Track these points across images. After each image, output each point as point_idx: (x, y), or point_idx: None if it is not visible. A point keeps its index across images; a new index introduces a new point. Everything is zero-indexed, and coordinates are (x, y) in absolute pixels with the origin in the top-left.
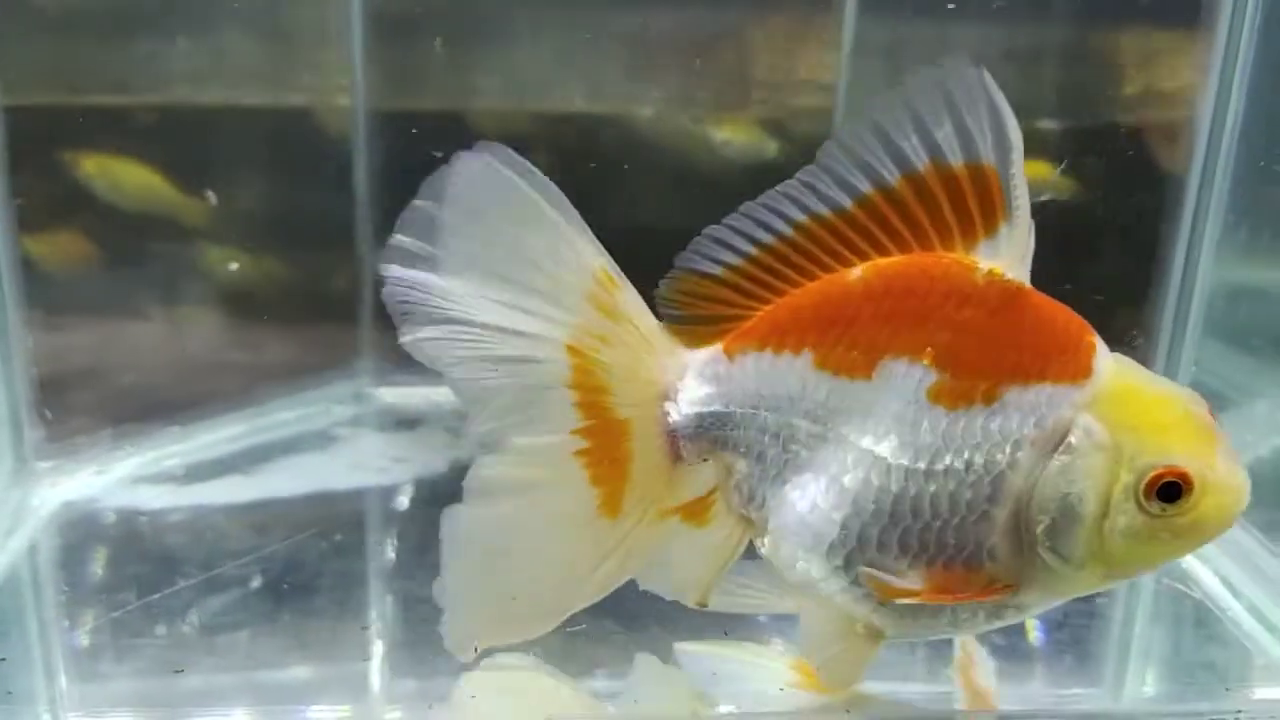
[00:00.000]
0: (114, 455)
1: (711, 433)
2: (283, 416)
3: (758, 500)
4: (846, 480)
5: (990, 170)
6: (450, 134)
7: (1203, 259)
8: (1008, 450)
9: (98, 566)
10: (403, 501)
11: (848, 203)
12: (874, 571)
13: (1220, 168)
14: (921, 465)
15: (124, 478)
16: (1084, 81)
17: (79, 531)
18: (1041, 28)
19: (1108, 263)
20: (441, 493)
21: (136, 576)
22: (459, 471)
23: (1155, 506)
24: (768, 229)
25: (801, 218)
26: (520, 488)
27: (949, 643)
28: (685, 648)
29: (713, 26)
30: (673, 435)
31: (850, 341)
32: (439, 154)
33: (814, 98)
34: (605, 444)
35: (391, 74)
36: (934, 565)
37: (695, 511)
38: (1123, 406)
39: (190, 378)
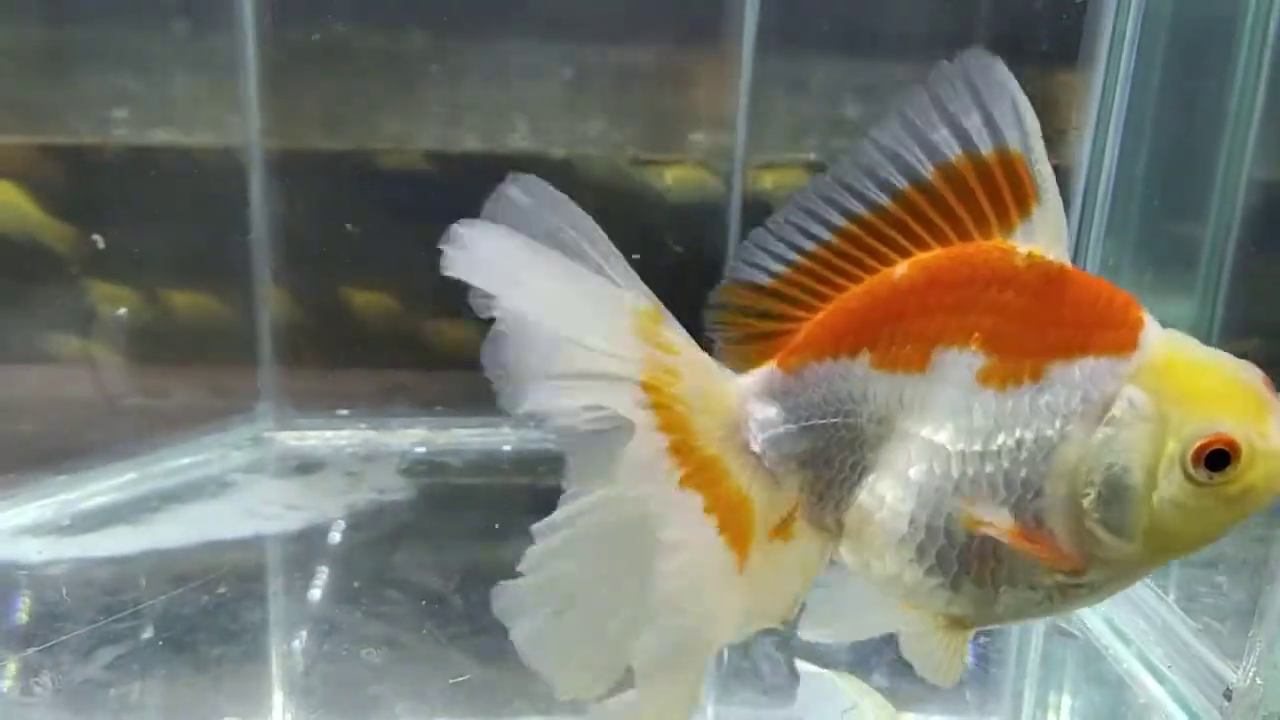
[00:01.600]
0: None
1: (783, 449)
2: (177, 463)
3: (831, 506)
4: (912, 473)
5: (1018, 155)
6: (349, 173)
7: None
8: (1057, 425)
9: None
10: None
11: (885, 200)
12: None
13: (1099, 206)
14: (978, 448)
15: (8, 529)
16: None
17: None
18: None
19: None
20: (336, 540)
21: (17, 631)
22: (358, 518)
23: (1203, 475)
24: (809, 235)
25: (842, 221)
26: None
27: None
28: (807, 668)
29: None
30: (759, 462)
31: (903, 338)
32: (350, 227)
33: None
34: (714, 490)
35: (289, 113)
36: (1000, 547)
37: (781, 530)
38: (1170, 377)
39: (80, 424)
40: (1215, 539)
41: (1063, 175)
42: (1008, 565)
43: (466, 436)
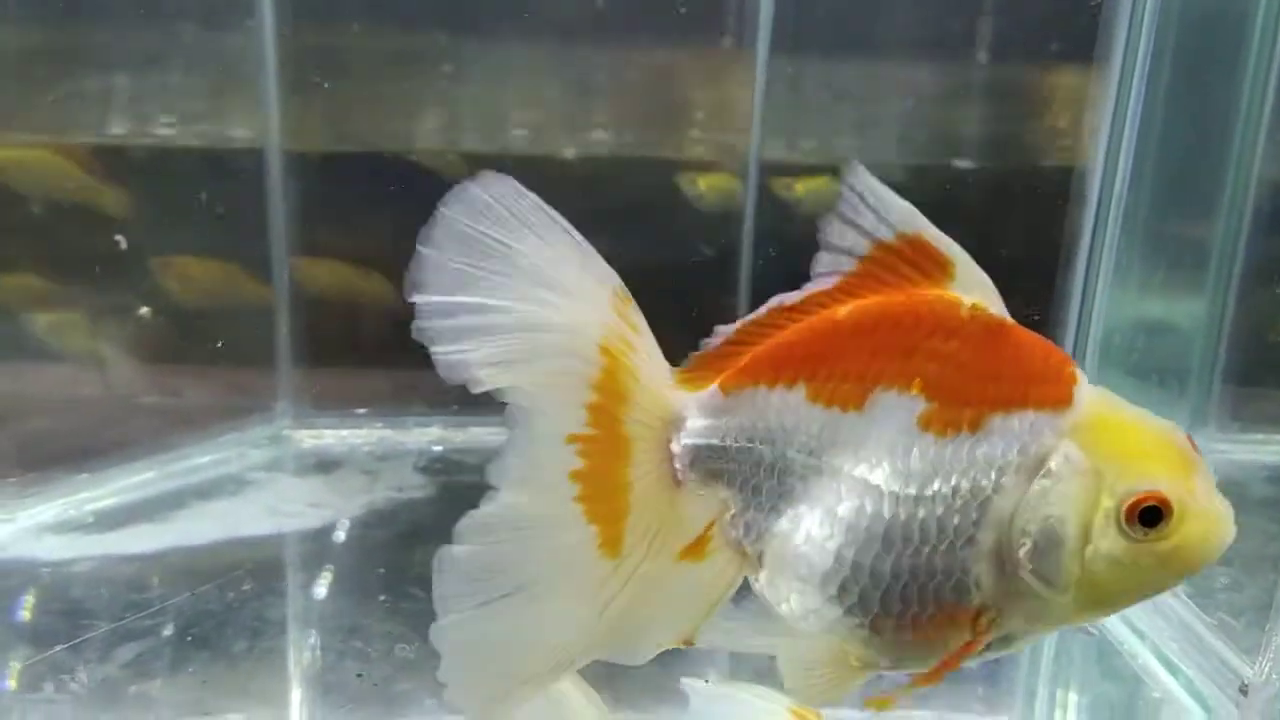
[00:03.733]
0: (21, 503)
1: (708, 465)
2: (197, 461)
3: (753, 534)
4: (841, 510)
5: (915, 234)
6: (369, 174)
7: (1099, 294)
8: (993, 476)
9: (0, 617)
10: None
11: (850, 269)
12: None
13: (1114, 204)
14: (912, 491)
15: (31, 526)
16: (983, 120)
17: None
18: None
19: (1006, 298)
20: (358, 536)
21: (42, 629)
22: (376, 515)
23: (1137, 532)
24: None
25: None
26: (515, 526)
27: None
28: (692, 684)
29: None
30: (671, 463)
31: (841, 375)
32: (368, 226)
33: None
34: (603, 465)
35: (307, 113)
36: (924, 592)
37: (693, 549)
38: (1103, 434)
39: (102, 423)
40: (1145, 596)
41: (1077, 175)
42: (929, 611)
43: (483, 434)
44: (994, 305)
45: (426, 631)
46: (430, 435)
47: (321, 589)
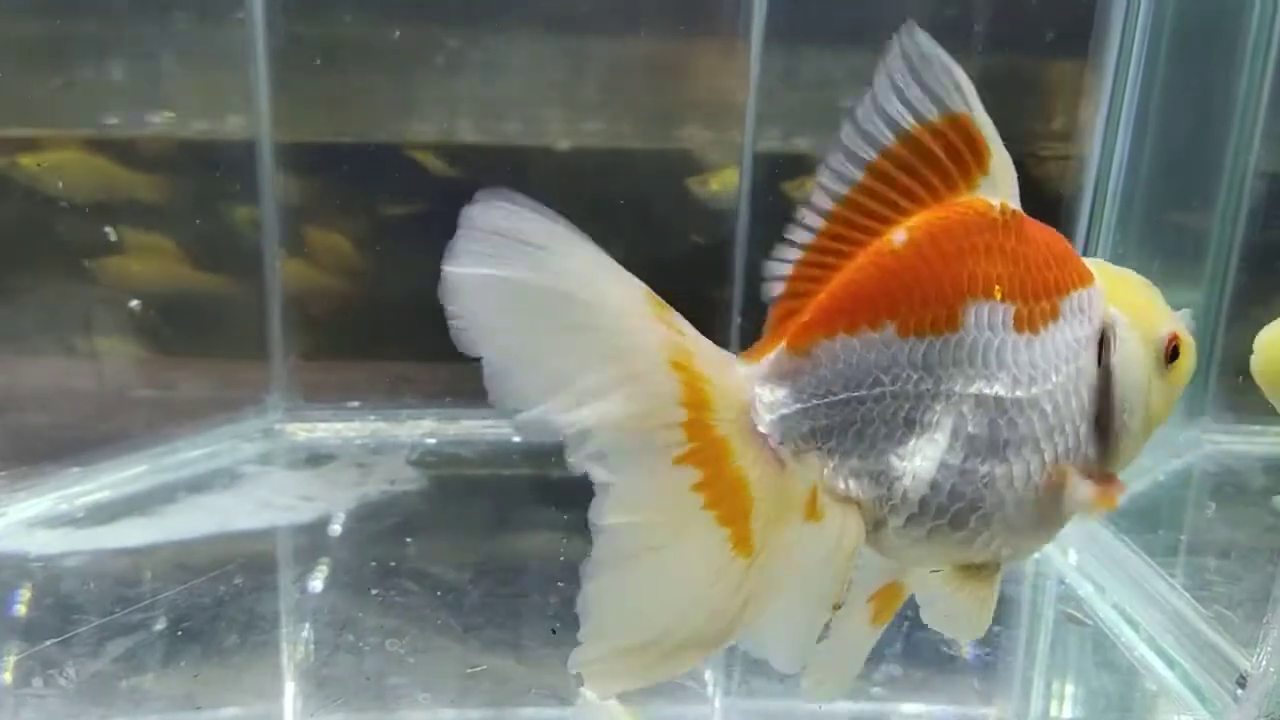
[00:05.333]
0: (11, 497)
1: (798, 429)
2: (189, 455)
3: (864, 480)
4: (970, 428)
5: (964, 116)
6: (358, 164)
7: None
8: (1082, 355)
9: None
10: (332, 530)
11: (862, 175)
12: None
13: (1111, 195)
14: (1034, 391)
15: (22, 521)
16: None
17: None
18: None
19: None
20: (350, 530)
21: (33, 623)
22: (369, 509)
23: (1167, 368)
24: (805, 227)
25: (830, 205)
26: (652, 547)
27: None
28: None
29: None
30: (766, 444)
31: (924, 301)
32: (360, 218)
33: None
34: (715, 471)
35: (298, 104)
36: (1050, 479)
37: (810, 512)
38: (1121, 295)
39: (93, 416)
40: (1165, 419)
41: (1074, 167)
42: (1054, 492)
43: (476, 428)
44: (1015, 200)
45: (418, 625)
46: (423, 428)
47: (313, 583)
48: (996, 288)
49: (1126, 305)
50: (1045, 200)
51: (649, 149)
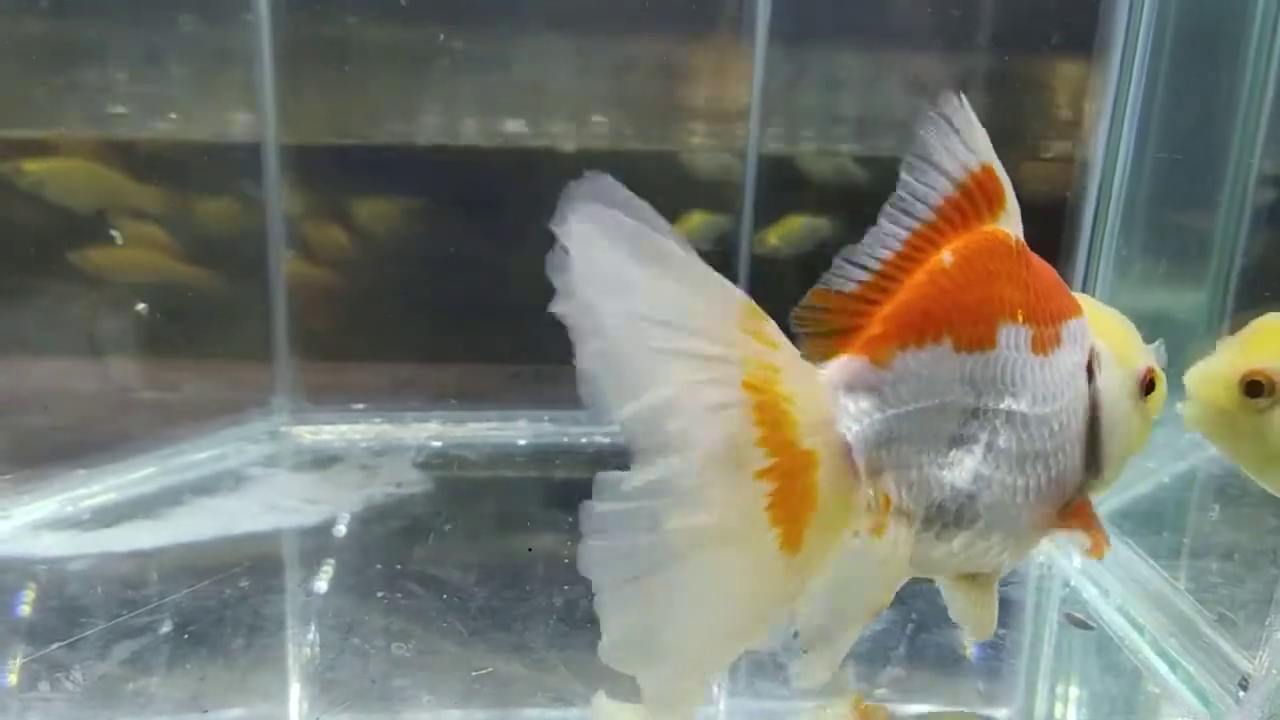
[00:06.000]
0: (17, 500)
1: (882, 439)
2: (195, 457)
3: (916, 492)
4: (1000, 442)
5: (989, 166)
6: (364, 166)
7: (1100, 287)
8: (1080, 378)
9: None
10: (338, 530)
11: (930, 214)
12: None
13: (1115, 196)
14: (1047, 409)
15: (27, 524)
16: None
17: None
18: (949, 56)
19: None
20: (356, 532)
21: (39, 626)
22: (374, 511)
23: (1143, 399)
24: (887, 245)
25: (905, 234)
26: (703, 539)
27: None
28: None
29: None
30: (850, 455)
31: (971, 319)
32: (364, 220)
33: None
34: (790, 482)
35: (303, 105)
36: (1061, 490)
37: (877, 526)
38: (1100, 327)
39: (98, 418)
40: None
41: (1078, 168)
42: (1056, 506)
43: (481, 430)
44: (1021, 234)
45: (424, 628)
46: (428, 430)
47: (319, 585)
48: (1019, 311)
49: (1108, 337)
50: (1049, 201)
51: (653, 150)
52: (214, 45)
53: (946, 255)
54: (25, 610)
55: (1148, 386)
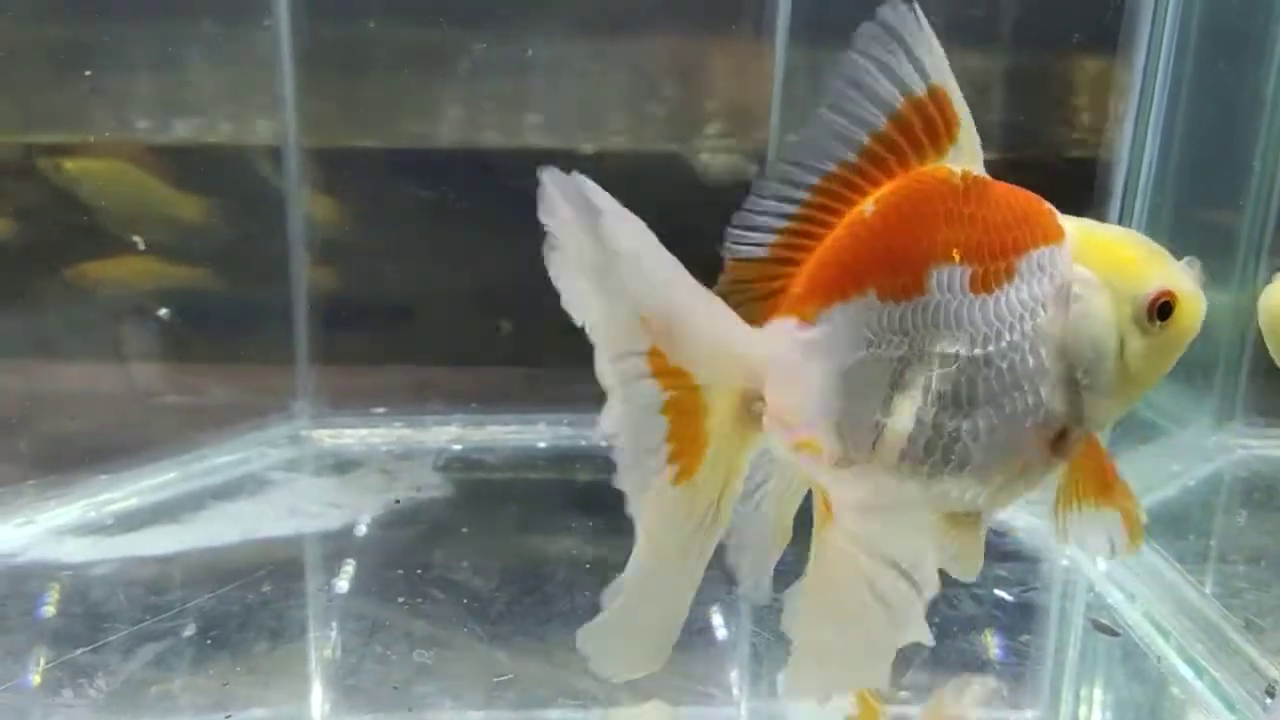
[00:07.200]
0: (41, 505)
1: (824, 396)
2: (217, 461)
3: (860, 442)
4: (934, 386)
5: (940, 88)
6: (384, 169)
7: None
8: (1041, 312)
9: (21, 621)
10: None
11: (852, 154)
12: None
13: (1139, 195)
14: (990, 349)
15: (50, 529)
16: (1006, 110)
17: (2, 586)
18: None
19: None
20: (377, 537)
21: (63, 631)
22: (395, 515)
23: (1155, 326)
24: (789, 199)
25: (814, 179)
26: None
27: None
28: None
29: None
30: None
31: (895, 268)
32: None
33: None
34: (684, 426)
35: (325, 109)
36: (1018, 433)
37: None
38: (1097, 252)
39: (121, 423)
40: (1162, 376)
41: (1103, 166)
42: (1022, 447)
43: (501, 433)
44: (979, 166)
45: (445, 632)
46: (449, 434)
47: (341, 590)
48: (955, 251)
49: (1103, 262)
50: (1075, 199)
51: (672, 152)
52: (235, 50)
53: (869, 205)
54: (49, 615)
55: (1159, 310)
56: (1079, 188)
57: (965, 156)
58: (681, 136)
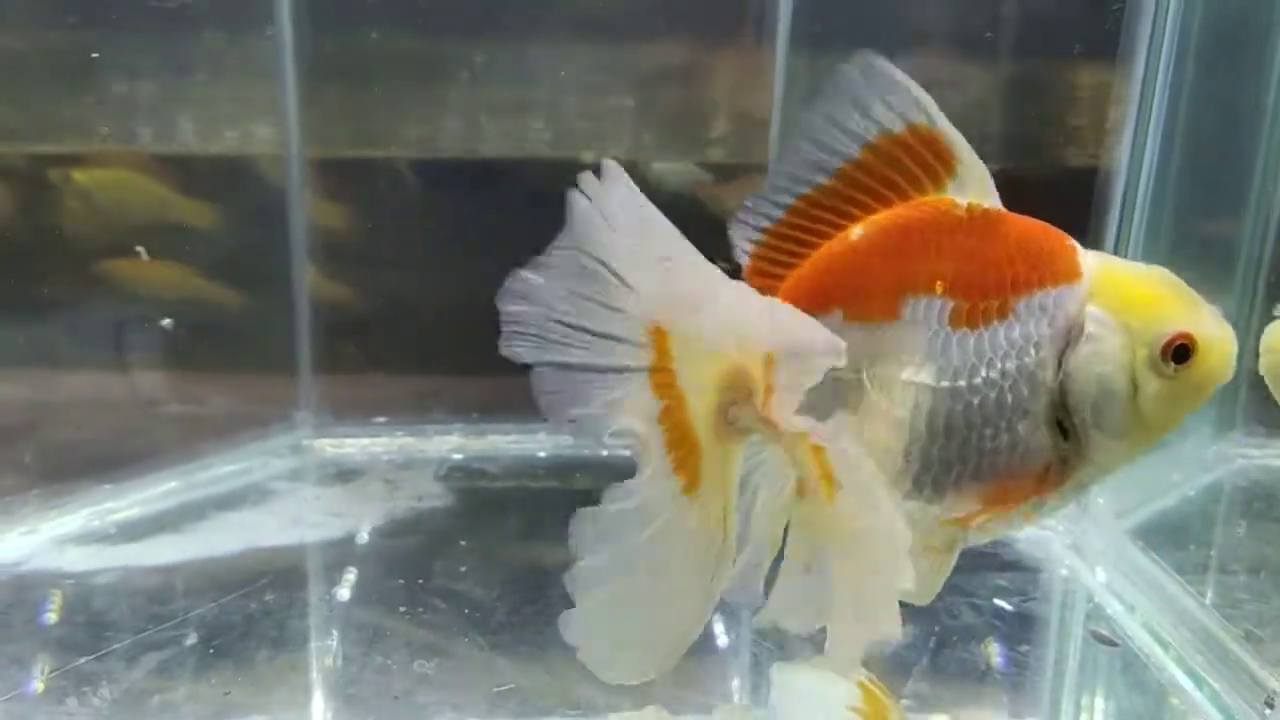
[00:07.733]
0: (44, 515)
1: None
2: (219, 471)
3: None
4: (899, 412)
5: (924, 126)
6: (387, 179)
7: None
8: (1032, 352)
9: (24, 630)
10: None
11: (825, 178)
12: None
13: (1139, 205)
14: (962, 383)
15: (53, 538)
16: (1006, 120)
17: (5, 595)
18: (970, 65)
19: None
20: (378, 546)
21: (65, 640)
22: (397, 524)
23: (1171, 369)
24: (767, 217)
25: (791, 200)
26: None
27: None
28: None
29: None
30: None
31: (868, 293)
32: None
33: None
34: (678, 434)
35: (327, 119)
36: (994, 466)
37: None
38: (1116, 292)
39: (124, 433)
40: (1181, 420)
41: (1102, 176)
42: (1000, 482)
43: (503, 443)
44: (990, 200)
45: (447, 642)
46: (450, 444)
47: (342, 599)
48: (938, 283)
49: (1121, 302)
50: (1073, 209)
51: (673, 160)
52: (237, 60)
53: (857, 229)
54: (52, 624)
55: (1174, 353)
56: (1078, 198)
57: (969, 191)
58: (682, 145)
